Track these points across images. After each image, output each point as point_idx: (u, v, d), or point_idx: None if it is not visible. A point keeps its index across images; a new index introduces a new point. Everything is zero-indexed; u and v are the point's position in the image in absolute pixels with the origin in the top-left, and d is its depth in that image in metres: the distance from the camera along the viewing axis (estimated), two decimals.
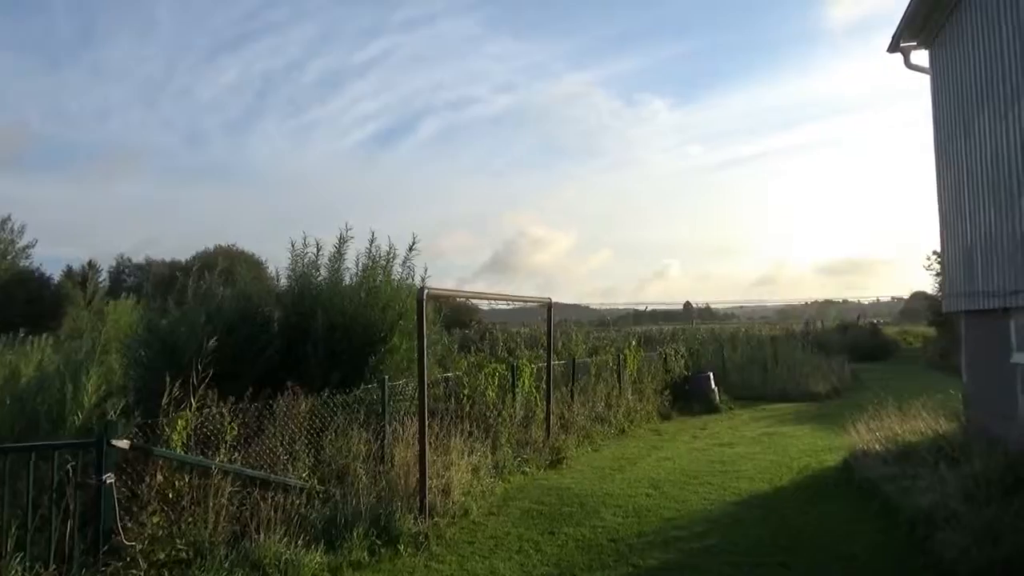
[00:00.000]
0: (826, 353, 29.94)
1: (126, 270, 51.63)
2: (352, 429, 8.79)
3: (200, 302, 10.87)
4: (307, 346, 10.54)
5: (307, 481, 7.84)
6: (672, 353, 20.98)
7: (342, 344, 10.59)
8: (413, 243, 11.56)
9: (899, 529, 7.19)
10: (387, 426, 9.04)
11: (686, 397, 19.07)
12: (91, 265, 44.34)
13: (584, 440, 13.28)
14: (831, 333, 39.80)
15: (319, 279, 11.34)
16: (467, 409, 10.80)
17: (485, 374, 11.50)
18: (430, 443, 9.28)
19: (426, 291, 8.19)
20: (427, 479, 8.08)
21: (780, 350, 26.76)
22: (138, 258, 53.28)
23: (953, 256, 10.62)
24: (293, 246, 11.53)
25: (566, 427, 13.13)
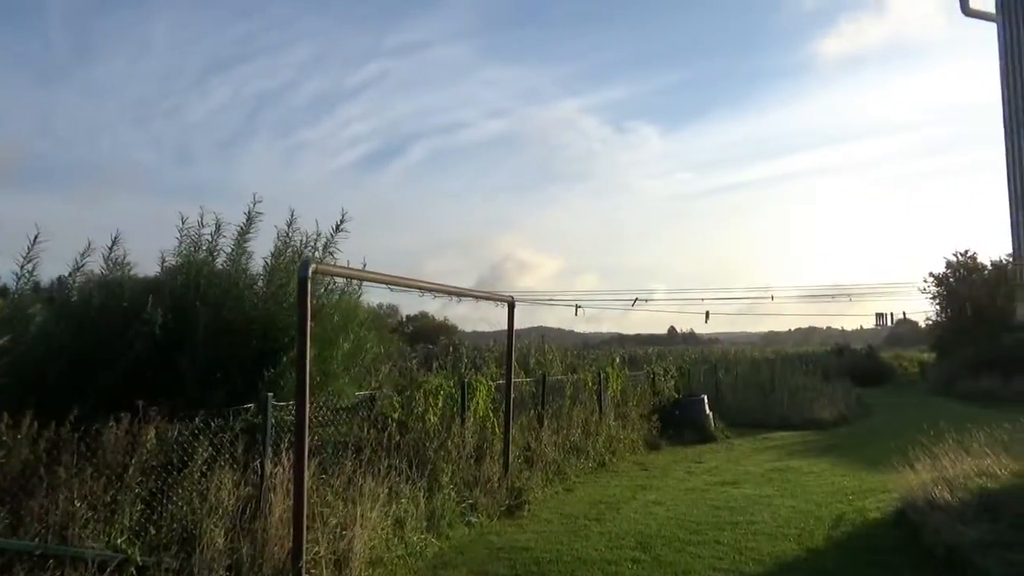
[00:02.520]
0: (825, 377, 27.62)
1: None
2: (214, 470, 6.14)
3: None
4: (183, 354, 7.91)
5: (122, 550, 5.17)
6: (661, 373, 18.42)
7: (232, 352, 7.96)
8: (340, 223, 8.97)
9: None
10: (265, 464, 6.36)
11: (677, 424, 16.47)
12: None
13: (554, 477, 10.64)
14: (828, 356, 37.43)
15: (214, 266, 8.71)
16: (396, 439, 8.14)
17: (425, 393, 8.87)
18: (326, 488, 6.67)
19: (313, 267, 5.59)
20: (303, 544, 5.43)
21: (778, 373, 24.32)
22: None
23: None
24: (184, 222, 8.88)
25: (531, 461, 10.49)
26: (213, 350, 7.93)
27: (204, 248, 8.81)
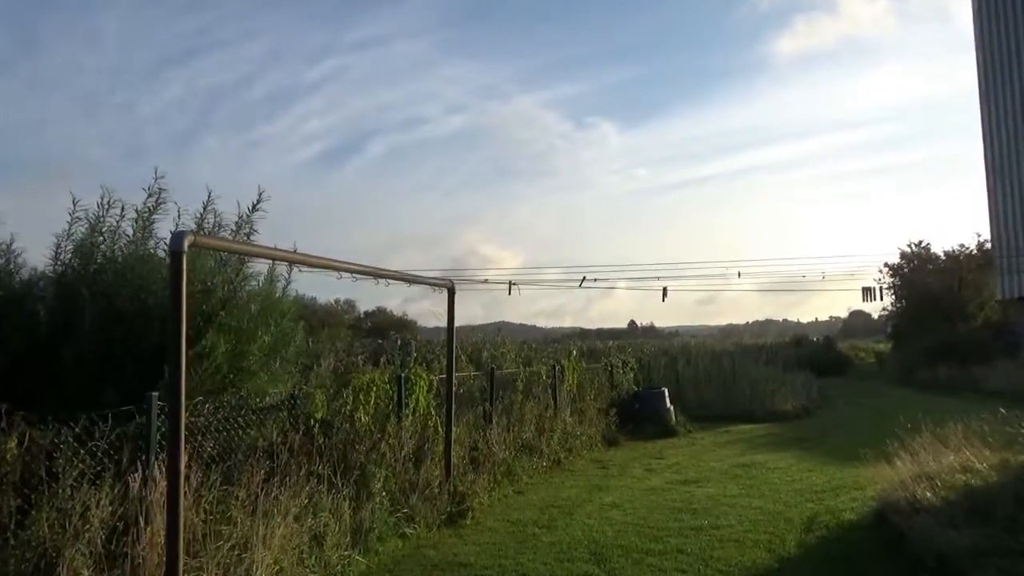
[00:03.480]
0: (784, 368, 27.26)
1: None
2: (88, 485, 5.11)
3: None
4: (68, 348, 6.85)
5: None
6: (620, 365, 17.68)
7: (127, 345, 6.92)
8: (257, 202, 7.95)
9: None
10: (149, 476, 5.33)
11: (636, 418, 15.75)
12: None
13: (504, 478, 9.76)
14: (786, 347, 37.26)
15: (111, 250, 7.62)
16: (319, 442, 7.16)
17: (355, 389, 7.89)
18: (230, 501, 5.69)
19: (190, 240, 4.59)
20: (179, 571, 4.45)
21: (739, 365, 23.82)
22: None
23: (1014, 223, 7.56)
24: (75, 203, 7.75)
25: (478, 461, 9.59)
26: (105, 344, 6.90)
27: (103, 232, 7.73)
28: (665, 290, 7.80)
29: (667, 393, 16.50)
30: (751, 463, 11.55)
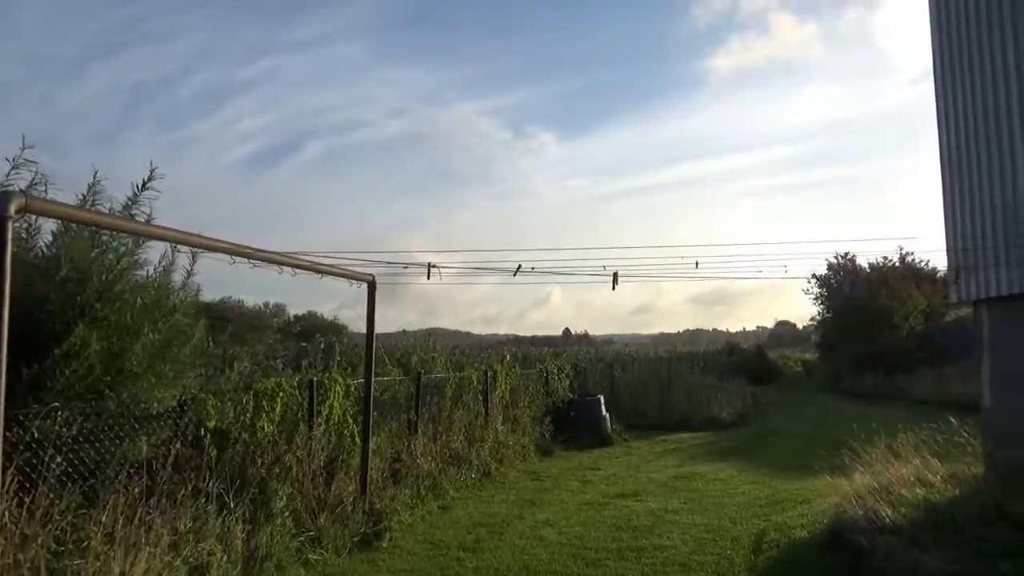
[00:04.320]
0: (719, 376, 27.20)
1: None
2: None
3: None
4: None
5: None
6: (555, 371, 17.01)
7: None
8: (148, 179, 6.90)
9: None
10: None
11: (572, 426, 15.10)
12: None
13: (428, 493, 8.91)
14: (719, 356, 37.44)
15: None
16: (210, 455, 6.18)
17: (256, 395, 6.92)
18: (91, 527, 4.71)
19: (19, 203, 3.63)
20: None
21: (675, 372, 23.54)
22: None
23: (971, 220, 7.19)
24: None
25: (400, 475, 8.72)
26: None
27: None
28: (616, 276, 7.08)
29: (603, 401, 15.92)
30: (690, 474, 11.01)
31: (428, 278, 6.70)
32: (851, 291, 35.77)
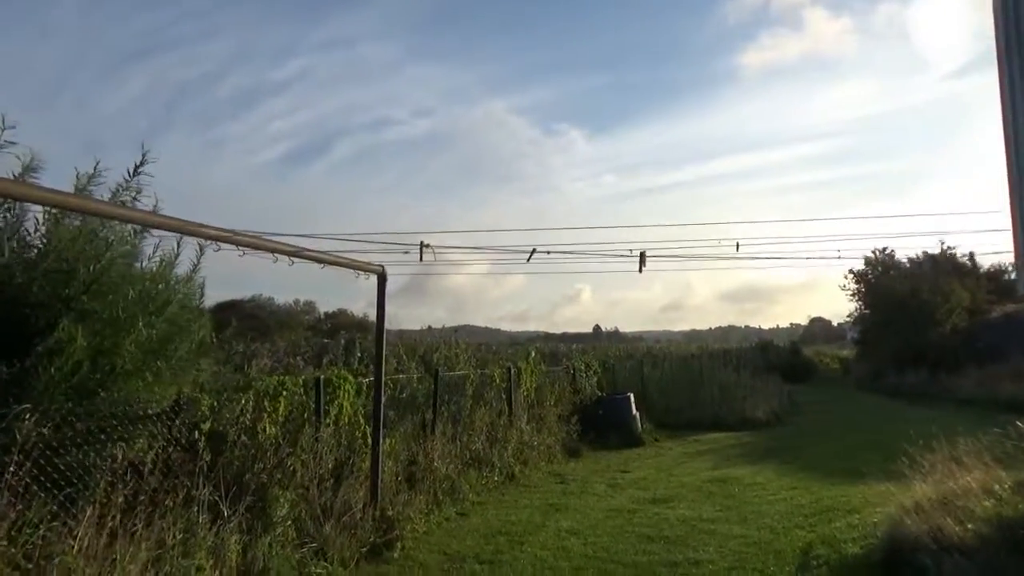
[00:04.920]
0: (753, 374, 26.36)
1: None
2: None
3: None
4: None
5: None
6: (583, 368, 16.40)
7: None
8: (140, 164, 6.46)
9: None
10: None
11: (600, 426, 14.51)
12: None
13: (446, 497, 8.40)
14: (752, 352, 36.45)
15: None
16: (205, 460, 5.72)
17: (258, 395, 6.45)
18: (69, 540, 4.26)
19: None
20: None
21: (707, 370, 22.79)
22: None
23: None
24: None
25: (416, 478, 8.22)
26: None
27: None
28: (643, 256, 6.44)
29: (633, 399, 15.30)
30: (726, 478, 10.35)
31: (421, 259, 6.17)
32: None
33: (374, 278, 7.13)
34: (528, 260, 6.65)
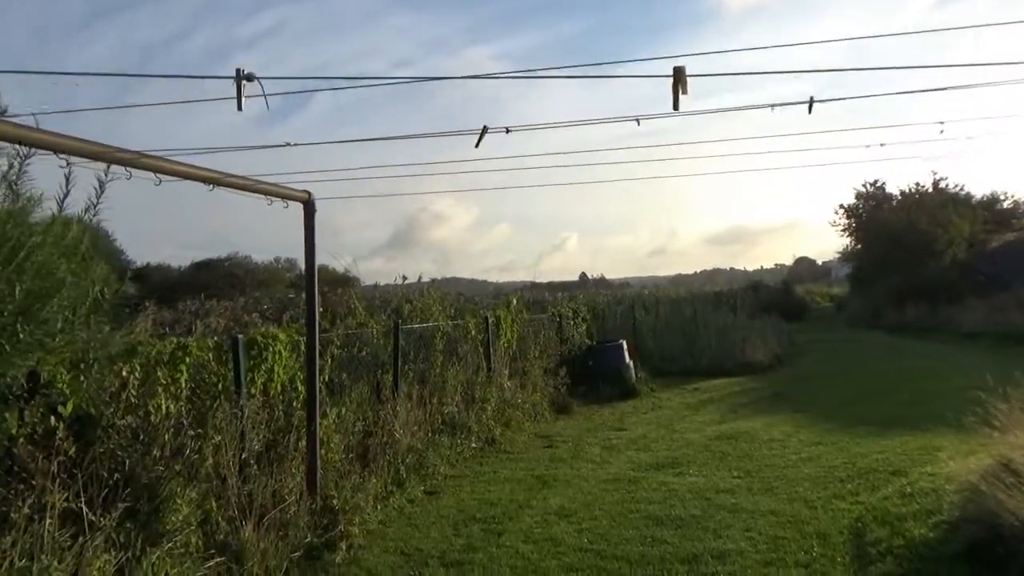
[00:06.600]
0: (749, 315, 25.14)
1: None
2: None
3: None
4: None
5: None
6: (570, 315, 15.02)
7: None
8: None
9: None
10: None
11: (591, 377, 13.21)
12: None
13: (411, 474, 7.02)
14: (744, 293, 35.22)
15: None
16: (68, 451, 4.26)
17: (149, 364, 4.95)
18: None
19: None
20: None
21: (701, 313, 21.49)
22: None
23: None
24: None
25: (373, 454, 6.81)
26: None
27: None
28: (681, 75, 4.46)
29: (625, 346, 13.95)
30: (736, 433, 9.06)
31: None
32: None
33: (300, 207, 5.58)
34: (477, 145, 5.05)
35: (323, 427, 6.13)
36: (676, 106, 4.08)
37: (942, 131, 6.99)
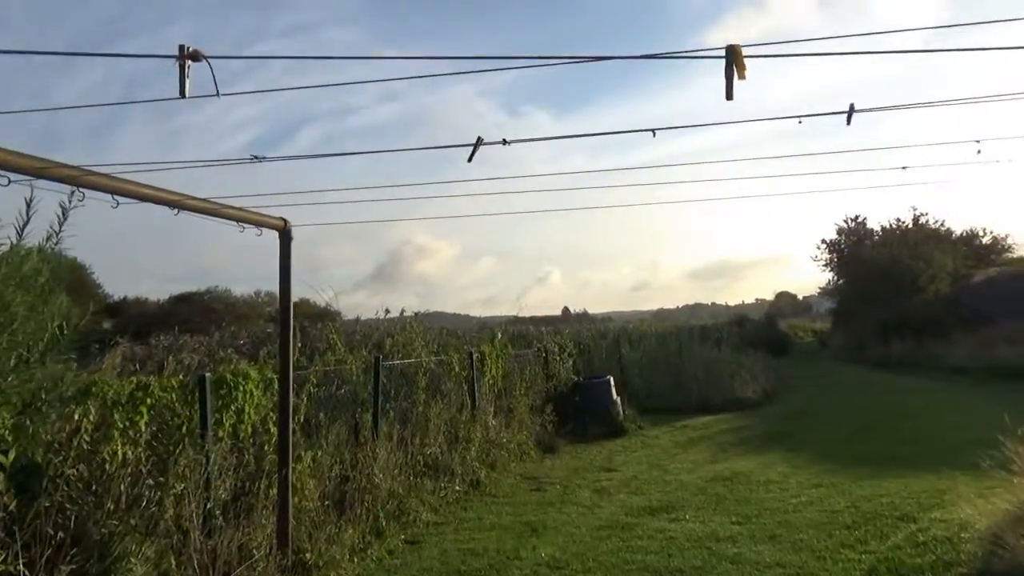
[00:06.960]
0: (732, 349, 24.87)
1: None
2: None
3: None
4: None
5: None
6: (556, 350, 14.67)
7: None
8: None
9: None
10: None
11: (578, 414, 12.83)
12: None
13: (391, 522, 6.58)
14: (729, 328, 35.02)
15: None
16: (8, 508, 3.84)
17: (105, 406, 4.54)
18: None
19: None
20: None
21: (687, 347, 21.19)
22: None
23: None
24: None
25: (350, 500, 6.38)
26: None
27: None
28: (737, 55, 4.15)
29: (612, 382, 13.60)
30: (731, 474, 8.71)
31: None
32: None
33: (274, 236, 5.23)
34: (470, 159, 4.74)
35: (297, 472, 5.71)
36: (729, 95, 3.77)
37: (979, 151, 6.93)
